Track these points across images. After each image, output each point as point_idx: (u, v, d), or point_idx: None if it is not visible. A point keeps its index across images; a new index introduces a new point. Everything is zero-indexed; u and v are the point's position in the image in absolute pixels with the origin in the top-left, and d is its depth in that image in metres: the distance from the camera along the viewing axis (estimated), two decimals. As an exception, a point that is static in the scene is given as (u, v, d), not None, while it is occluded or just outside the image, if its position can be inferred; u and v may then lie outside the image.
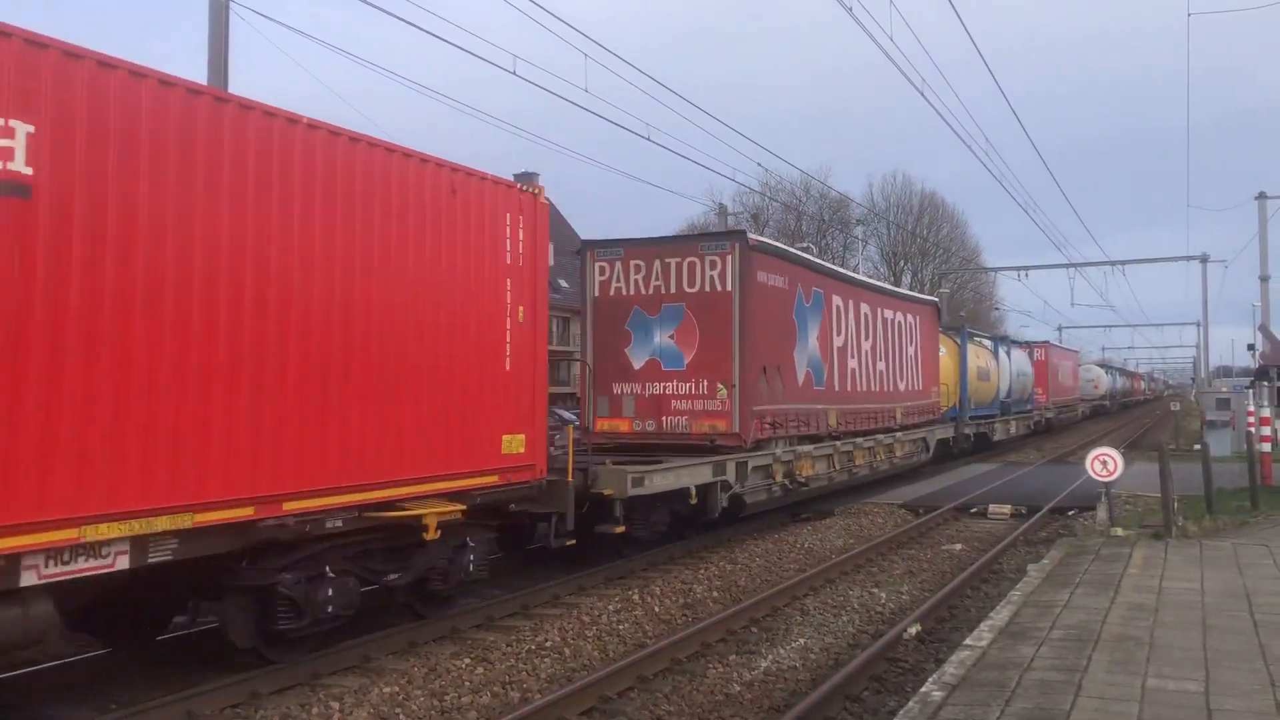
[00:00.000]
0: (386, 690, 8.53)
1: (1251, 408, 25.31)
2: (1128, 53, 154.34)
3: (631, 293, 16.54)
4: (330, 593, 8.90)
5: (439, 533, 10.00)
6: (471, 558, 10.86)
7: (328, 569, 8.95)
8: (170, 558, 7.48)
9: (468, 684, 8.89)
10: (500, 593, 12.37)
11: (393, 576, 9.88)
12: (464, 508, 10.31)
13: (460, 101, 71.21)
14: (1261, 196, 30.88)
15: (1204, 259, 46.05)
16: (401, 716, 8.08)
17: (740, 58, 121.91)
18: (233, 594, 8.57)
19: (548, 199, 11.82)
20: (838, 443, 19.81)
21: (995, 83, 35.10)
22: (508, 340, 10.95)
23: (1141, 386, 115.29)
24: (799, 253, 19.36)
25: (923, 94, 21.34)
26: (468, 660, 9.49)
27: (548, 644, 10.18)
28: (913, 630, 10.61)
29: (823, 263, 22.34)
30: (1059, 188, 53.82)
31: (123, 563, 7.14)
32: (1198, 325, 64.50)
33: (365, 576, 9.57)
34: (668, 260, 16.29)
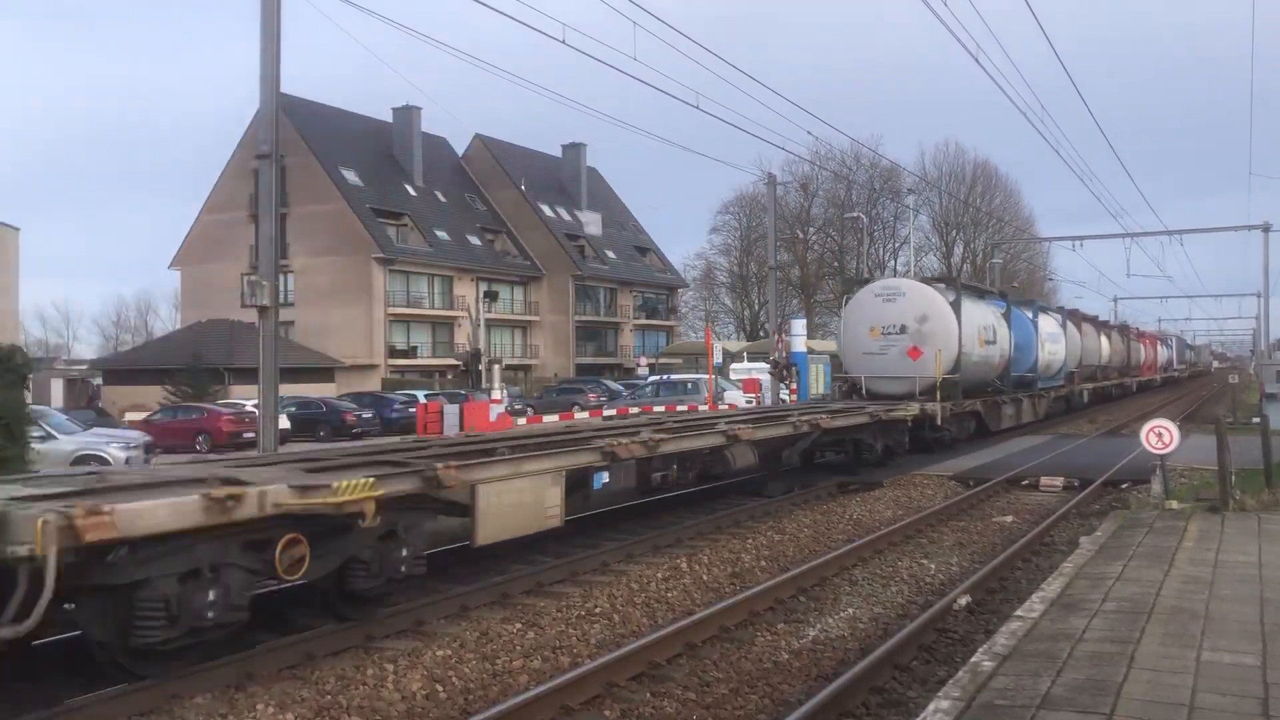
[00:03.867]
0: (439, 653, 8.68)
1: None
2: (1189, 14, 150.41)
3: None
4: None
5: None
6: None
7: None
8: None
9: (519, 648, 9.02)
10: (550, 560, 12.50)
11: None
12: None
13: (510, 72, 71.17)
14: (1328, 163, 30.05)
15: (1265, 228, 45.06)
16: (454, 679, 8.21)
17: (790, 25, 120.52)
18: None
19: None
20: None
21: (1051, 48, 34.40)
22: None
23: (1164, 357, 74.63)
24: None
25: (976, 59, 21.01)
26: (519, 625, 9.61)
27: (597, 610, 10.29)
28: (963, 601, 10.57)
29: None
30: (1116, 155, 52.74)
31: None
32: (1258, 296, 63.09)
33: None
34: None
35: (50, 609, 6.51)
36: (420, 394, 44.30)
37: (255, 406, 27.07)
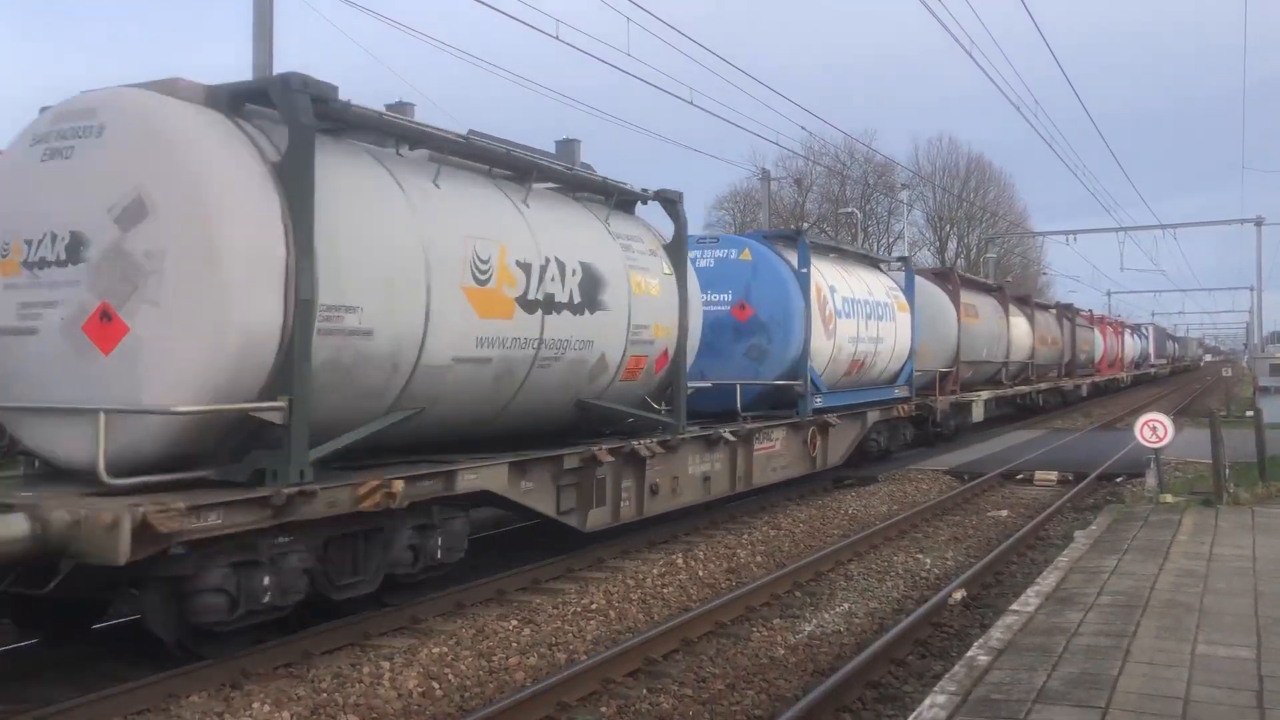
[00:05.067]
0: (435, 650, 8.67)
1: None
2: (1181, 10, 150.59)
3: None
4: None
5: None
6: None
7: None
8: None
9: (515, 645, 9.01)
10: (546, 556, 12.49)
11: None
12: None
13: (503, 68, 71.03)
14: (1320, 157, 30.11)
15: (1259, 222, 45.17)
16: (450, 676, 8.20)
17: (783, 19, 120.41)
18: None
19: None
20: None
21: (1044, 41, 34.47)
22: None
23: (1135, 350, 63.12)
24: None
25: (970, 55, 20.98)
26: (514, 622, 9.60)
27: (593, 607, 10.28)
28: (958, 595, 10.59)
29: None
30: (1109, 149, 52.72)
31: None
32: (1251, 290, 63.21)
33: None
34: None
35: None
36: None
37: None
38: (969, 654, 7.32)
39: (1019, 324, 32.80)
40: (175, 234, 7.81)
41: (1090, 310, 51.08)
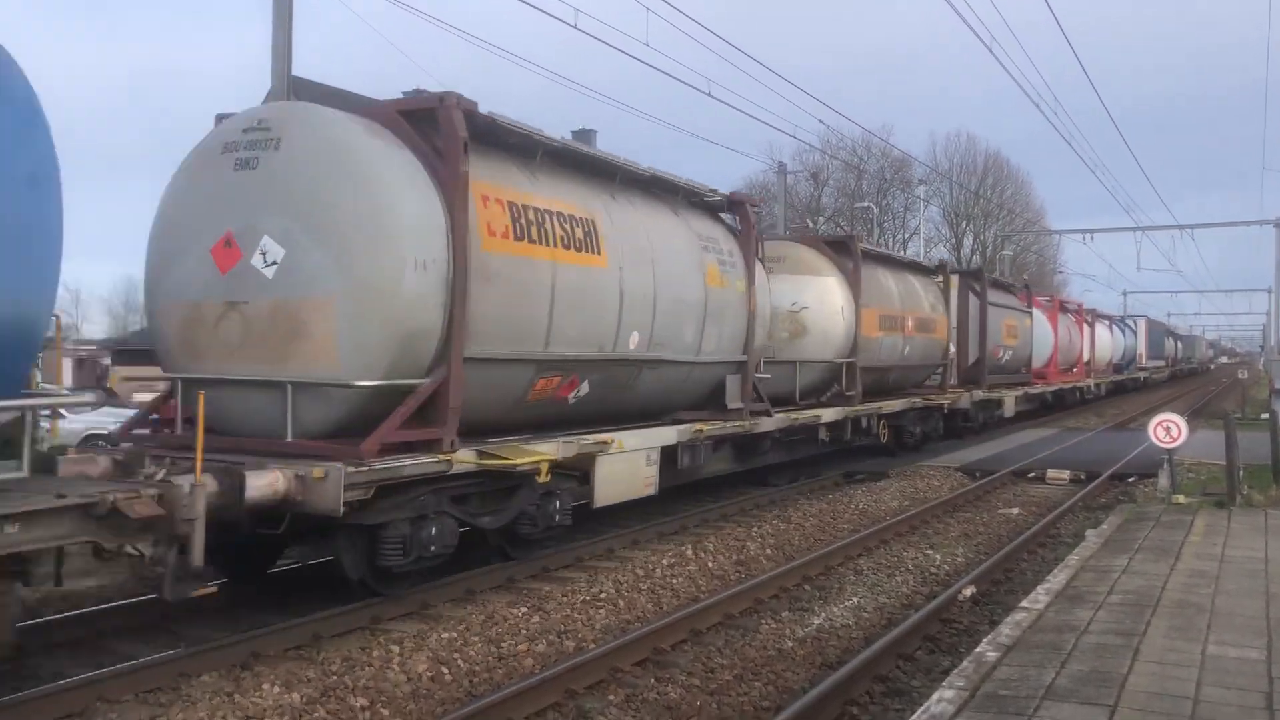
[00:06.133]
0: (445, 636, 8.71)
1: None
2: (1204, 9, 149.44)
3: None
4: None
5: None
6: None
7: None
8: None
9: (524, 632, 9.04)
10: (554, 546, 12.53)
11: None
12: None
13: (521, 56, 70.97)
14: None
15: (1278, 223, 44.80)
16: (459, 661, 8.24)
17: (803, 13, 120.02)
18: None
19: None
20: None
21: (1065, 39, 34.29)
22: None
23: (1114, 349, 50.82)
24: None
25: (991, 50, 20.88)
26: (524, 609, 9.64)
27: (602, 595, 10.31)
28: (968, 592, 10.57)
29: None
30: (1128, 148, 52.21)
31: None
32: (1269, 292, 62.74)
33: None
34: None
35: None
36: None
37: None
38: (978, 650, 7.31)
39: (818, 286, 18.25)
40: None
41: (1027, 287, 35.39)
